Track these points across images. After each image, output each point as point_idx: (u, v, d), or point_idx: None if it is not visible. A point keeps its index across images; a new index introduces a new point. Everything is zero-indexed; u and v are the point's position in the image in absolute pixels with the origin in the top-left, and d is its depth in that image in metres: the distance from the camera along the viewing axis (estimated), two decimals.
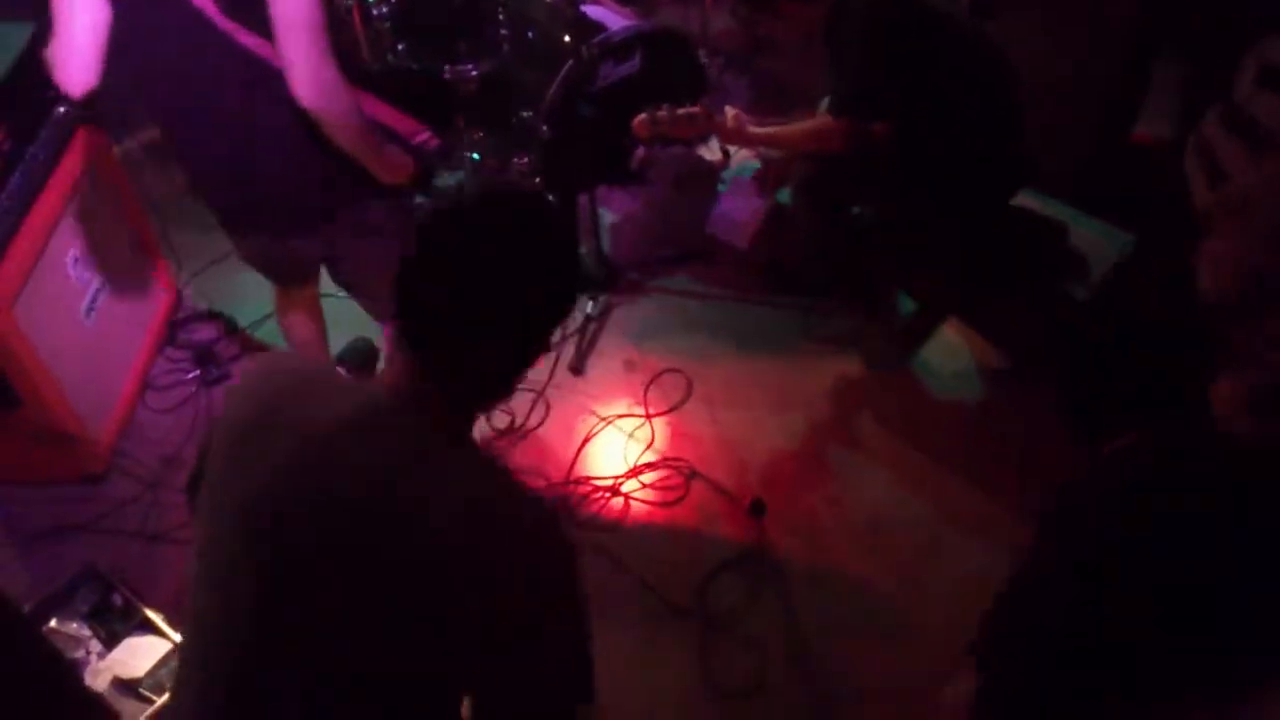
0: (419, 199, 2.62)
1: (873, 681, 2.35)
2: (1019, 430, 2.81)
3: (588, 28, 3.18)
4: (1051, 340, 2.93)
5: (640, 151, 3.38)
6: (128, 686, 2.24)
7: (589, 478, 2.79)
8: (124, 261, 2.94)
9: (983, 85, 2.61)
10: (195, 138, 2.17)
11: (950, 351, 3.10)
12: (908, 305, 3.18)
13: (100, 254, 2.81)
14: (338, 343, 2.94)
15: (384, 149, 2.20)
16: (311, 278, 2.57)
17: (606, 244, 3.26)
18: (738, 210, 3.49)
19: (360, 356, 2.99)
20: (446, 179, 3.60)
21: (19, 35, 2.57)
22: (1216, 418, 1.38)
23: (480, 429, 2.84)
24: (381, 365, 2.91)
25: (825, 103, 2.73)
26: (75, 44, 2.01)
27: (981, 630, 1.75)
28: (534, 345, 1.32)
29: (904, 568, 2.55)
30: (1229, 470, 1.50)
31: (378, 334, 2.93)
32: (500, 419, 2.92)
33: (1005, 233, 2.84)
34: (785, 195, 3.10)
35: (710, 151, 3.76)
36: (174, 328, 3.18)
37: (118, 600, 2.38)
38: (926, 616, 2.44)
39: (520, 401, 2.96)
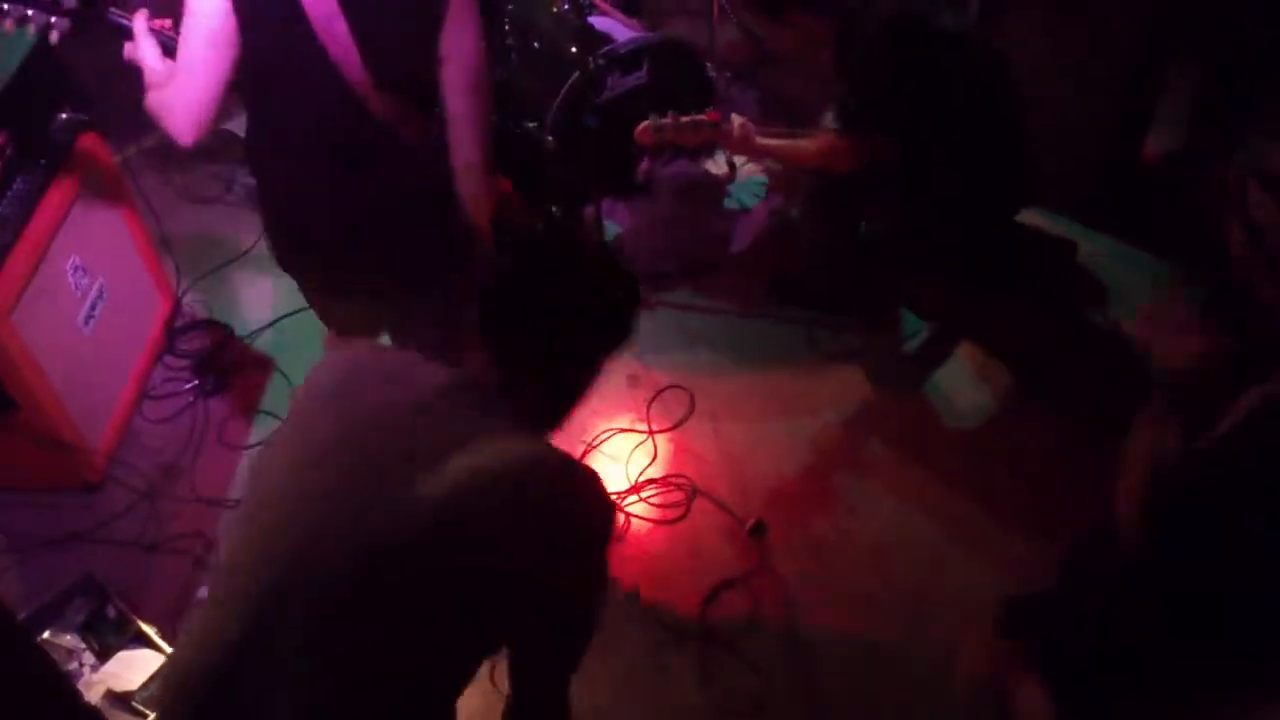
0: None
1: (874, 703, 2.32)
2: (1028, 450, 2.79)
3: (594, 39, 3.17)
4: (1058, 354, 2.91)
5: (645, 164, 3.36)
6: (120, 700, 2.22)
7: None
8: (123, 269, 2.92)
9: (989, 100, 2.59)
10: (316, 207, 2.08)
11: (964, 380, 3.05)
12: (912, 324, 3.16)
13: (100, 261, 2.79)
14: None
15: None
16: (376, 334, 2.48)
17: None
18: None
19: None
20: None
21: (23, 42, 2.56)
22: None
23: None
24: None
25: (829, 116, 2.72)
26: (194, 98, 1.88)
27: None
28: (585, 370, 1.55)
29: (908, 589, 2.52)
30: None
31: None
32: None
33: (1010, 248, 2.82)
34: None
35: (716, 165, 3.75)
36: (172, 336, 3.16)
37: (112, 612, 2.36)
38: (930, 638, 2.41)
39: None
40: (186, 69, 1.86)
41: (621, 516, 2.70)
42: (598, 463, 2.85)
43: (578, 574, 1.42)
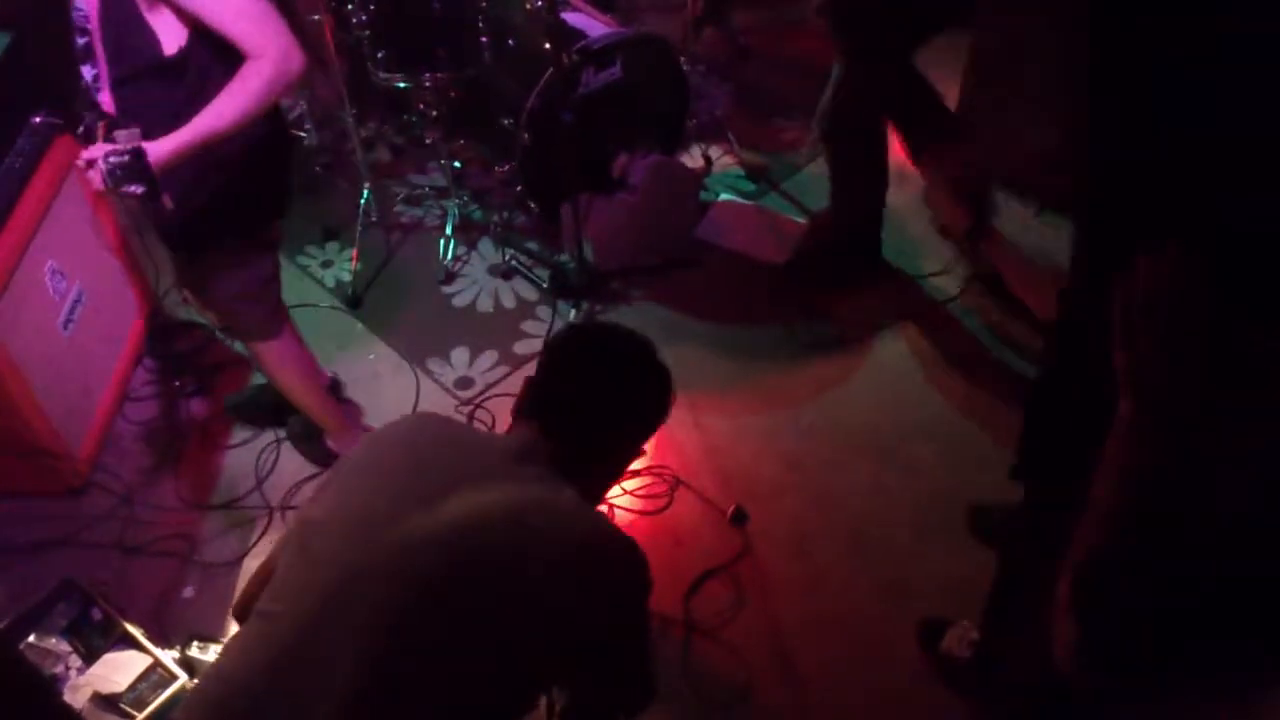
0: None
1: (856, 689, 2.35)
2: (1005, 437, 2.82)
3: (568, 35, 3.18)
4: None
5: (621, 159, 3.38)
6: (108, 702, 2.22)
7: None
8: (102, 272, 2.92)
9: None
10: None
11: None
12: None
13: (78, 265, 2.78)
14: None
15: None
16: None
17: (589, 252, 3.26)
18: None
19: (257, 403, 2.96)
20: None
21: None
22: None
23: None
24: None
25: None
26: (289, 32, 2.01)
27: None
28: (627, 447, 1.67)
29: (887, 574, 2.55)
30: None
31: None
32: (482, 428, 2.91)
33: None
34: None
35: (692, 158, 3.76)
36: (152, 338, 3.15)
37: (97, 614, 2.35)
38: (910, 624, 2.44)
39: (502, 410, 2.95)
40: (274, 19, 1.95)
41: (604, 509, 2.71)
42: None
43: (627, 623, 1.54)
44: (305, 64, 1.98)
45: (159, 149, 1.92)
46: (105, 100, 2.07)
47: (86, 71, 2.08)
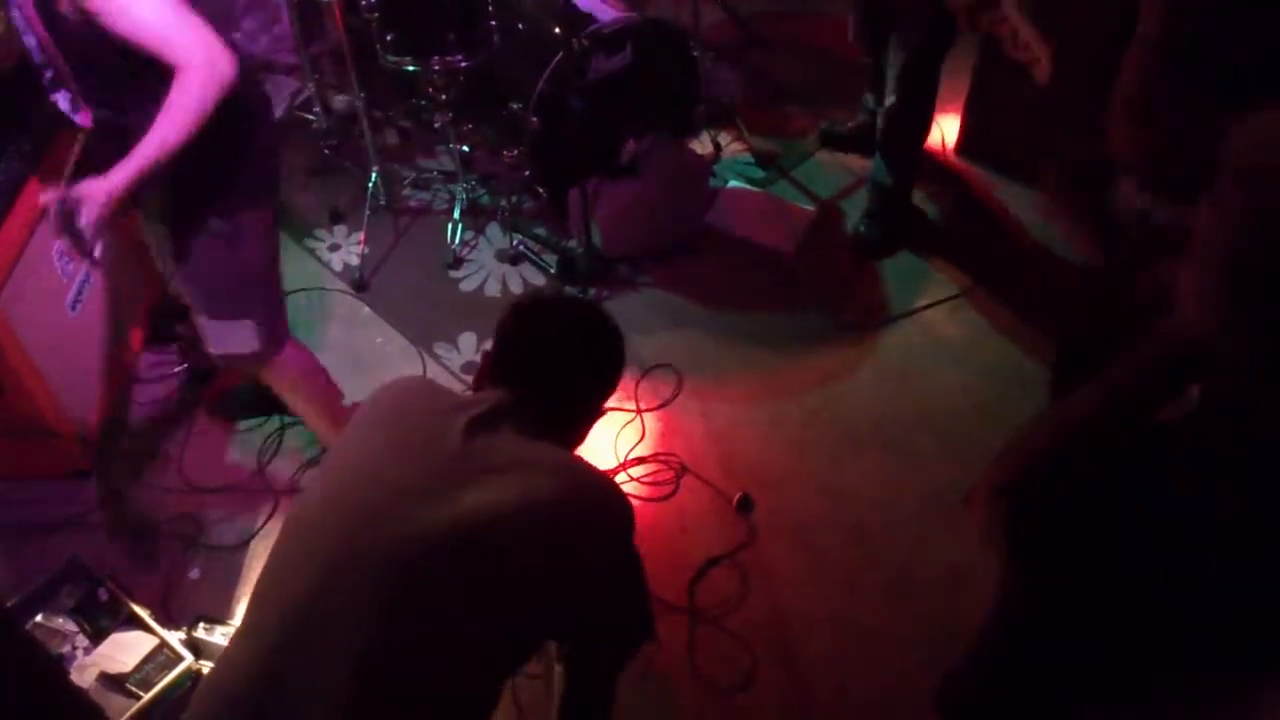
0: None
1: (858, 678, 2.35)
2: (1010, 428, 2.81)
3: (578, 19, 3.17)
4: None
5: (630, 144, 3.37)
6: (114, 682, 2.23)
7: None
8: (110, 254, 2.92)
9: None
10: None
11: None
12: (897, 307, 3.18)
13: None
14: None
15: None
16: None
17: (597, 237, 3.25)
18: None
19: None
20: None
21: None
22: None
23: None
24: None
25: None
26: (217, 40, 2.03)
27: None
28: (591, 403, 1.71)
29: (891, 565, 2.55)
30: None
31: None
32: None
33: None
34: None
35: (701, 145, 3.75)
36: (160, 320, 3.15)
37: (103, 595, 2.37)
38: (913, 613, 2.44)
39: None
40: (197, 29, 1.95)
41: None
42: (586, 442, 2.85)
43: (619, 561, 1.58)
44: (235, 66, 1.96)
45: (112, 182, 1.88)
46: (84, 119, 2.09)
47: (61, 100, 2.10)
